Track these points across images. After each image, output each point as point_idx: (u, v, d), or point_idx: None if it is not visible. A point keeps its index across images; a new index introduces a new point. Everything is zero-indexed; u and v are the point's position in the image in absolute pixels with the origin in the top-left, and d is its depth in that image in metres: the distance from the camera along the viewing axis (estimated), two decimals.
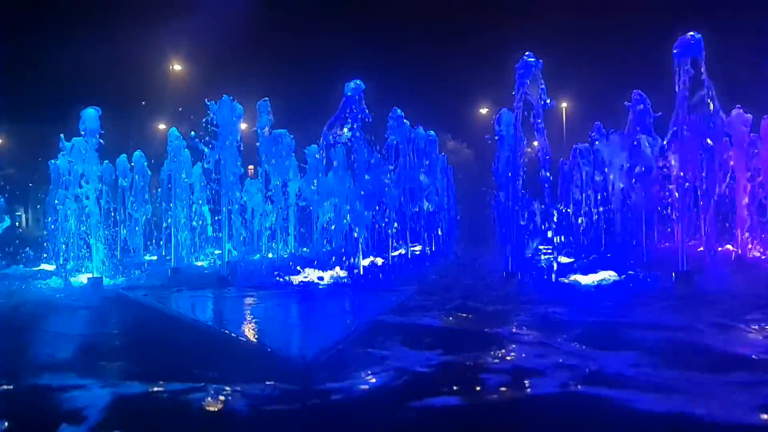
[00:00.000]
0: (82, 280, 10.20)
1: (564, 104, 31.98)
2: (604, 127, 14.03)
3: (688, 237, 9.43)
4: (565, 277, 9.33)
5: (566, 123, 31.99)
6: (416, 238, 14.82)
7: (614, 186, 13.26)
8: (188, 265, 12.89)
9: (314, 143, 12.79)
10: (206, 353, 5.08)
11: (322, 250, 12.91)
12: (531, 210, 10.04)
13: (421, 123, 14.46)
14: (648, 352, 4.61)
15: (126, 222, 16.76)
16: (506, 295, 7.85)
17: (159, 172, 15.52)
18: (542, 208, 10.01)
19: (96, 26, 29.30)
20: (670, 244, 12.01)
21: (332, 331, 5.84)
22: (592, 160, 14.97)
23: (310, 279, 9.95)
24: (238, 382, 3.86)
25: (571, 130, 28.99)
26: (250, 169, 14.62)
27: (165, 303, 8.22)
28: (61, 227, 11.51)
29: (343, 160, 11.38)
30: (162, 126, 29.36)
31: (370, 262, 11.28)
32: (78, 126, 10.45)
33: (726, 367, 4.12)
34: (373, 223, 11.57)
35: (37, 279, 10.87)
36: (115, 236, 15.20)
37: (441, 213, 16.45)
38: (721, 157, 9.60)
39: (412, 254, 14.23)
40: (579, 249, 13.21)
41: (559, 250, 9.92)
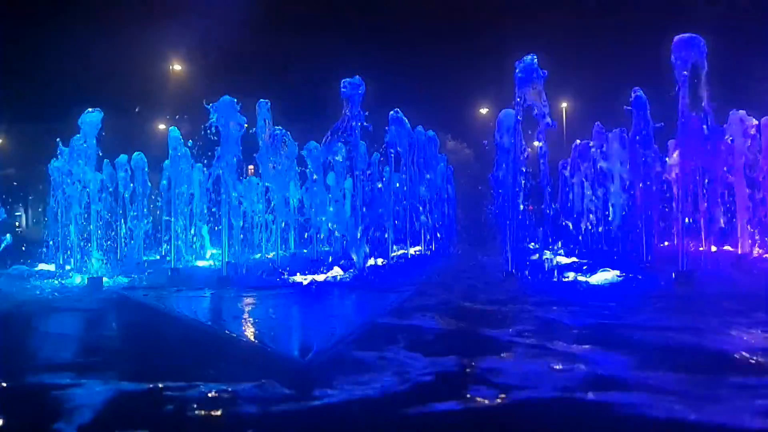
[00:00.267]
0: (82, 281, 10.20)
1: (564, 104, 31.95)
2: (604, 128, 14.02)
3: (688, 237, 9.43)
4: (565, 277, 9.33)
5: (566, 123, 31.97)
6: (416, 239, 14.85)
7: (614, 186, 13.25)
8: (188, 266, 12.88)
9: (314, 142, 12.68)
10: (206, 353, 5.08)
11: (323, 251, 12.91)
12: (530, 211, 10.04)
13: (421, 123, 14.47)
14: (648, 354, 4.60)
15: (126, 222, 16.70)
16: (506, 296, 7.82)
17: (159, 173, 15.47)
18: (541, 208, 10.02)
19: (96, 26, 29.26)
20: (670, 244, 12.01)
21: (332, 332, 5.85)
22: (592, 160, 14.94)
23: (310, 279, 9.94)
24: (237, 382, 3.86)
25: (571, 130, 28.97)
26: (250, 169, 14.59)
27: (165, 303, 8.22)
28: (61, 227, 11.50)
29: (342, 168, 11.41)
30: (162, 126, 29.33)
31: (371, 263, 11.28)
32: (78, 125, 10.45)
33: (732, 370, 4.12)
34: (373, 225, 11.54)
35: (37, 279, 10.88)
36: (115, 236, 15.17)
37: (441, 214, 16.46)
38: (721, 157, 9.60)
39: (412, 255, 14.24)
40: (579, 249, 13.23)
41: (559, 250, 9.92)
